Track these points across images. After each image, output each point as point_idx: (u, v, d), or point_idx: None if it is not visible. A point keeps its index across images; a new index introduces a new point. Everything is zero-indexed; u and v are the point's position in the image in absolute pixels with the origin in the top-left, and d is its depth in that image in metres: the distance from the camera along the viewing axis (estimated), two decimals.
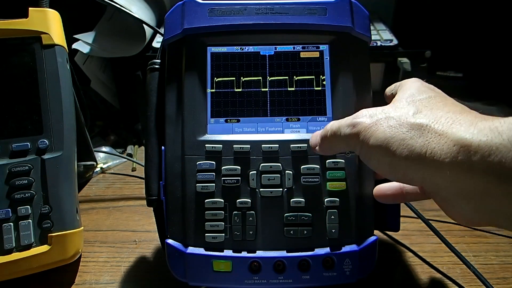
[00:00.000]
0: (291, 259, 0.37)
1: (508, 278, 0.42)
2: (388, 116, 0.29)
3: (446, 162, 0.25)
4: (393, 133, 0.28)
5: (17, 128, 0.41)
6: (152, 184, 0.39)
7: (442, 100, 0.30)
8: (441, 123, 0.26)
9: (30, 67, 0.42)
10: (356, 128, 0.30)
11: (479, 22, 0.76)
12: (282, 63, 0.40)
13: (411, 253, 0.46)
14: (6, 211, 0.39)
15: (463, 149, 0.24)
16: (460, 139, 0.24)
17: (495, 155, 0.22)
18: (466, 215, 0.27)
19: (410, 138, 0.27)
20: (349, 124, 0.31)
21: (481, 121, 0.25)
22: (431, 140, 0.26)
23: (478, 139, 0.23)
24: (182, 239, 0.38)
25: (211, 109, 0.39)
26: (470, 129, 0.24)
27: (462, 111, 0.28)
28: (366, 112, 0.31)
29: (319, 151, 0.35)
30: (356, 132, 0.30)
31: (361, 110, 0.31)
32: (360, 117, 0.31)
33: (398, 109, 0.29)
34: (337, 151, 0.36)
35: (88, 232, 0.49)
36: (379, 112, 0.30)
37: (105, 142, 0.68)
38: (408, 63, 0.64)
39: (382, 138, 0.28)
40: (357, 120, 0.30)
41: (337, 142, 0.33)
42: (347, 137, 0.31)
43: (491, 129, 0.23)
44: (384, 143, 0.28)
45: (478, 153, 0.23)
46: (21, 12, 0.42)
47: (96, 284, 0.42)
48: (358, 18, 0.40)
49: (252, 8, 0.40)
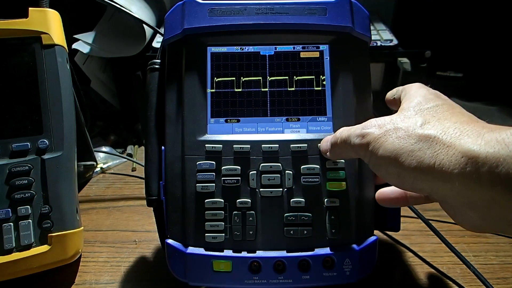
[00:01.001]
0: (291, 259, 0.37)
1: (508, 278, 0.42)
2: (397, 127, 0.29)
3: (455, 173, 0.25)
4: (402, 145, 0.28)
5: (17, 128, 0.41)
6: (152, 184, 0.39)
7: (449, 109, 0.30)
8: (449, 134, 0.27)
9: (30, 67, 0.42)
10: (365, 139, 0.31)
11: (479, 22, 0.76)
12: (282, 63, 0.40)
13: (411, 253, 0.46)
14: (6, 211, 0.39)
15: (471, 160, 0.24)
16: (468, 150, 0.25)
17: (502, 166, 0.23)
18: (473, 223, 0.27)
19: (418, 150, 0.27)
20: (358, 135, 0.31)
21: (488, 133, 0.25)
22: (439, 151, 0.26)
23: (485, 151, 0.24)
24: (182, 239, 0.38)
25: (211, 109, 0.39)
26: (478, 141, 0.25)
27: (470, 121, 0.28)
28: (375, 122, 0.31)
29: (329, 157, 0.37)
30: (366, 142, 0.31)
31: (370, 120, 0.32)
32: (369, 127, 0.31)
33: (406, 119, 0.30)
34: (347, 158, 0.37)
35: (88, 232, 0.49)
36: (388, 122, 0.30)
37: (105, 142, 0.68)
38: (408, 63, 0.64)
39: (391, 149, 0.29)
40: (366, 130, 0.31)
41: (347, 150, 0.34)
42: (357, 146, 0.32)
43: (498, 140, 0.24)
44: (393, 154, 0.28)
45: (486, 164, 0.23)
46: (21, 12, 0.42)
47: (96, 284, 0.42)
48: (358, 18, 0.40)
49: (252, 8, 0.40)
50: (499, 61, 0.77)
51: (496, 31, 0.76)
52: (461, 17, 0.77)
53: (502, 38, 0.76)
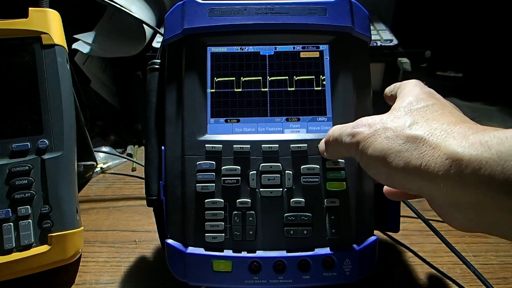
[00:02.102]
0: (291, 259, 0.37)
1: (508, 278, 0.42)
2: (386, 127, 0.30)
3: (440, 174, 0.25)
4: (390, 145, 0.28)
5: (17, 128, 0.41)
6: (152, 184, 0.39)
7: (440, 109, 0.30)
8: (436, 135, 0.27)
9: (30, 67, 0.42)
10: (355, 138, 0.31)
11: (479, 22, 0.76)
12: (282, 63, 0.40)
13: (411, 253, 0.46)
14: (6, 211, 0.39)
15: (455, 162, 0.24)
16: (452, 152, 0.25)
17: (485, 169, 0.23)
18: (460, 223, 0.27)
19: (406, 150, 0.27)
20: (349, 133, 0.32)
21: (473, 134, 0.25)
22: (425, 153, 0.26)
23: (469, 153, 0.24)
24: (182, 239, 0.38)
25: (211, 109, 0.39)
26: (462, 143, 0.25)
27: (458, 122, 0.28)
28: (365, 121, 0.31)
29: (326, 157, 0.37)
30: (355, 141, 0.31)
31: (361, 119, 0.32)
32: (359, 126, 0.31)
33: (395, 119, 0.30)
34: (342, 156, 0.38)
35: (88, 232, 0.49)
36: (378, 122, 0.31)
37: (105, 142, 0.68)
38: (408, 63, 0.64)
39: (379, 149, 0.29)
40: (356, 130, 0.31)
41: (339, 149, 0.34)
42: (348, 145, 0.32)
43: (481, 143, 0.24)
44: (381, 154, 0.29)
45: (469, 167, 0.23)
46: (21, 12, 0.42)
47: (96, 284, 0.42)
48: (358, 18, 0.40)
49: (252, 8, 0.40)
50: (499, 61, 0.77)
51: (496, 31, 0.76)
52: (461, 17, 0.77)
53: (502, 38, 0.76)
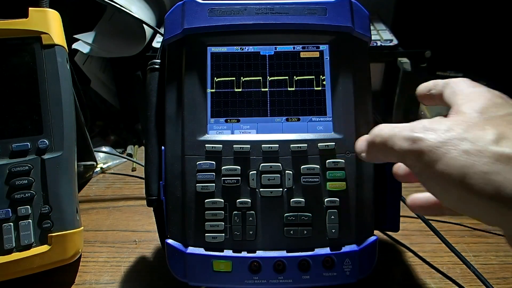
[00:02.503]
0: (291, 259, 0.37)
1: (508, 278, 0.42)
2: (461, 137, 0.23)
3: None
4: (471, 163, 0.22)
5: (17, 128, 0.41)
6: (152, 184, 0.39)
7: None
8: None
9: (30, 67, 0.42)
10: (417, 145, 0.25)
11: (479, 22, 0.76)
12: (282, 63, 0.40)
13: (411, 253, 0.46)
14: (6, 211, 0.39)
15: None
16: None
17: None
18: None
19: (496, 173, 0.21)
20: (407, 138, 0.25)
21: None
22: None
23: None
24: (182, 239, 0.38)
25: (211, 109, 0.39)
26: None
27: None
28: (428, 124, 0.25)
29: (365, 159, 0.31)
30: (417, 149, 0.25)
31: (420, 121, 0.26)
32: (421, 130, 0.25)
33: (471, 129, 0.24)
34: (386, 161, 0.30)
35: (88, 232, 0.49)
36: (445, 128, 0.24)
37: (105, 142, 0.68)
38: (408, 63, 0.63)
39: (455, 165, 0.23)
40: (419, 135, 0.25)
41: (387, 154, 0.27)
42: (403, 152, 0.26)
43: None
44: (458, 173, 0.23)
45: None
46: (21, 12, 0.42)
47: (96, 284, 0.42)
48: (358, 18, 0.40)
49: (252, 8, 0.40)
50: (499, 61, 0.77)
51: (496, 31, 0.76)
52: (461, 17, 0.77)
53: (502, 38, 0.76)
